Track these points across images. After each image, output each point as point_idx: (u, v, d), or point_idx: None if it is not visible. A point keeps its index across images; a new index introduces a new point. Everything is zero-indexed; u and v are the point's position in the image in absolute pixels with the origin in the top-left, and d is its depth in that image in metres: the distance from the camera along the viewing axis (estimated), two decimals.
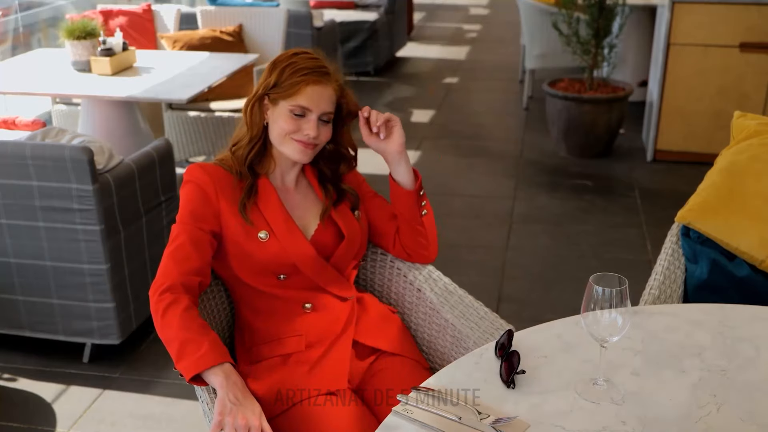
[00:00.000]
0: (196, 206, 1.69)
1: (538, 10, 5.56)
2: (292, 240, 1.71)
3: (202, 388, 1.55)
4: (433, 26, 9.42)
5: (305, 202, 1.80)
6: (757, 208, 1.97)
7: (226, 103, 4.39)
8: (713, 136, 4.62)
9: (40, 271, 2.71)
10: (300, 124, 1.69)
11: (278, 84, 1.69)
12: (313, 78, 1.68)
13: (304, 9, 5.63)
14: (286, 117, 1.69)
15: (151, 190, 2.86)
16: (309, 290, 1.75)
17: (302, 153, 1.72)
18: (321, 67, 1.71)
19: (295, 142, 1.70)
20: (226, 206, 1.70)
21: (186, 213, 1.69)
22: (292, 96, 1.68)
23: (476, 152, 5.14)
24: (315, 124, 1.69)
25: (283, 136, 1.71)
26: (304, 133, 1.69)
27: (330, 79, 1.71)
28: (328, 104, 1.71)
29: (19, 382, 2.77)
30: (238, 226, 1.70)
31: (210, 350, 1.52)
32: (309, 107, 1.68)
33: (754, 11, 4.41)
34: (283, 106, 1.70)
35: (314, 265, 1.73)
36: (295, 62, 1.70)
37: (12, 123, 3.55)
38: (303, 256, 1.72)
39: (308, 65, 1.69)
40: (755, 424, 1.30)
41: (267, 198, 1.74)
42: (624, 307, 1.31)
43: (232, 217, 1.70)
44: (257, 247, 1.69)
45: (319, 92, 1.69)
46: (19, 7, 4.90)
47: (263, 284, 1.72)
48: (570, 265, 3.65)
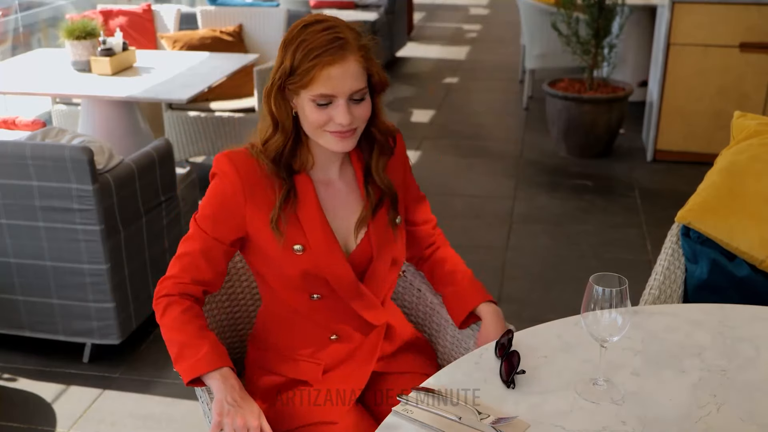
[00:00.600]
0: (218, 212, 1.53)
1: (538, 10, 5.56)
2: (330, 257, 1.54)
3: (202, 389, 1.55)
4: (433, 26, 9.42)
5: (348, 201, 1.60)
6: (757, 208, 1.97)
7: (226, 103, 4.39)
8: (713, 136, 4.62)
9: (40, 271, 2.71)
10: (329, 113, 1.45)
11: (293, 71, 1.44)
12: (327, 58, 1.41)
13: (304, 9, 5.63)
14: (311, 108, 1.46)
15: (151, 190, 2.86)
16: (340, 313, 1.60)
17: (341, 143, 1.49)
18: (335, 39, 1.43)
19: (330, 134, 1.48)
20: (255, 211, 1.52)
21: (207, 216, 1.54)
22: (309, 85, 1.43)
23: (476, 152, 5.14)
24: (345, 109, 1.44)
25: (315, 129, 1.48)
26: (336, 122, 1.45)
27: (349, 50, 1.43)
28: (354, 81, 1.45)
29: (19, 382, 2.77)
30: (268, 235, 1.52)
31: (207, 354, 1.49)
32: (332, 93, 1.44)
33: (754, 11, 4.41)
34: (304, 96, 1.46)
35: (350, 288, 1.57)
36: (305, 41, 1.43)
37: (12, 123, 3.55)
38: (339, 277, 1.55)
39: (320, 42, 1.42)
40: (755, 424, 1.30)
41: (305, 202, 1.54)
42: (624, 307, 1.31)
43: (262, 223, 1.52)
44: (290, 260, 1.53)
45: (340, 72, 1.43)
46: (19, 7, 4.90)
47: (295, 301, 1.58)
48: (570, 265, 3.65)
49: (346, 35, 1.44)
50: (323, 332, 1.62)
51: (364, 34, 1.49)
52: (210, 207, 1.54)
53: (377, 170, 1.59)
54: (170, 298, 1.56)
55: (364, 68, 1.46)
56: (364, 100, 1.49)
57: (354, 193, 1.61)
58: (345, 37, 1.44)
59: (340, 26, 1.46)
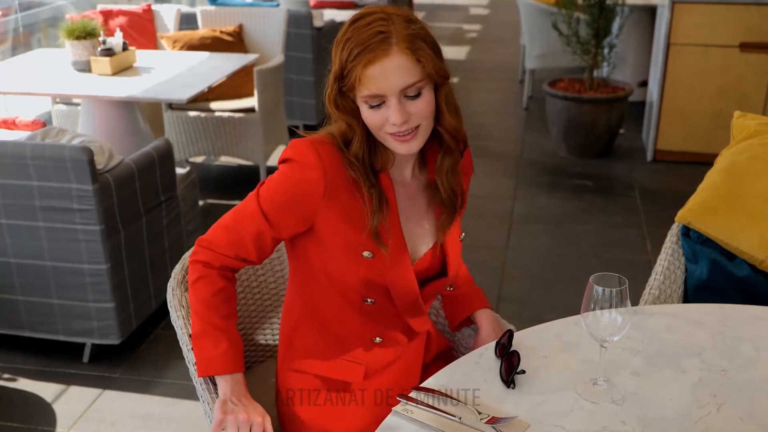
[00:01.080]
0: (289, 202, 1.42)
1: (538, 10, 5.56)
2: (398, 268, 1.46)
3: (203, 388, 1.55)
4: (433, 26, 9.30)
5: (419, 205, 1.52)
6: (757, 208, 1.97)
7: (226, 103, 4.39)
8: (713, 136, 4.62)
9: (40, 271, 2.71)
10: (384, 114, 1.35)
11: (342, 73, 1.35)
12: (368, 56, 1.31)
13: (304, 9, 5.62)
14: (365, 111, 1.37)
15: (151, 190, 2.86)
16: (387, 318, 1.54)
17: (404, 145, 1.38)
18: (377, 34, 1.32)
19: (390, 136, 1.38)
20: (331, 206, 1.42)
21: (276, 202, 1.43)
22: (356, 87, 1.34)
23: (476, 152, 5.09)
24: (397, 109, 1.33)
25: (375, 131, 1.40)
26: (390, 122, 1.35)
27: (393, 43, 1.32)
28: (402, 76, 1.33)
29: (19, 382, 2.77)
30: (339, 235, 1.43)
31: (224, 354, 1.46)
32: (380, 93, 1.33)
33: (754, 11, 4.41)
34: (359, 99, 1.37)
35: (409, 299, 1.51)
36: (349, 39, 1.34)
37: (12, 123, 3.55)
38: (402, 288, 1.49)
39: (361, 38, 1.32)
40: (755, 424, 1.30)
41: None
42: (624, 307, 1.31)
43: (337, 221, 1.43)
44: (356, 265, 1.45)
45: (382, 69, 1.32)
46: (19, 7, 4.90)
47: (345, 302, 1.51)
48: (570, 265, 3.65)
49: (389, 28, 1.33)
50: (367, 334, 1.55)
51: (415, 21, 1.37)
52: (282, 194, 1.43)
53: (440, 172, 1.47)
54: (206, 270, 1.49)
55: (415, 60, 1.33)
56: (422, 95, 1.36)
57: (425, 197, 1.53)
58: (387, 30, 1.32)
59: (386, 17, 1.34)
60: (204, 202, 4.08)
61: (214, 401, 1.49)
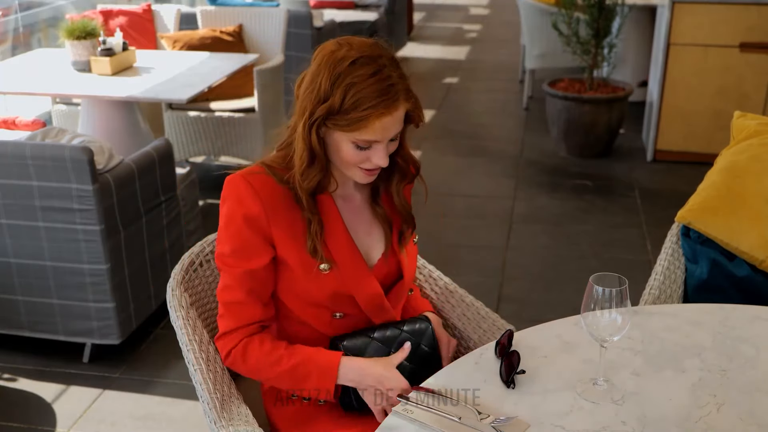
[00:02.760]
0: (245, 240, 1.47)
1: (538, 10, 5.56)
2: (357, 274, 1.52)
3: (203, 388, 1.54)
4: (433, 26, 9.42)
5: (365, 217, 1.59)
6: (757, 208, 1.97)
7: (226, 103, 4.39)
8: (713, 136, 4.62)
9: (40, 271, 2.71)
10: (367, 154, 1.44)
11: (341, 111, 1.39)
12: (381, 110, 1.38)
13: (304, 9, 5.62)
14: (348, 149, 1.43)
15: (151, 190, 2.86)
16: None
17: (369, 177, 1.49)
18: (389, 88, 1.39)
19: (360, 169, 1.46)
20: (280, 233, 1.48)
21: (235, 250, 1.47)
22: (356, 131, 1.40)
23: (476, 152, 5.14)
24: (385, 153, 1.44)
25: (347, 165, 1.46)
26: (373, 163, 1.44)
27: (401, 98, 1.41)
28: (397, 127, 1.44)
29: (19, 382, 2.77)
30: (295, 256, 1.49)
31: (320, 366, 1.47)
32: (377, 140, 1.42)
33: (754, 11, 4.41)
34: (344, 137, 1.42)
35: (375, 303, 1.56)
36: (355, 85, 1.38)
37: (12, 123, 3.55)
38: (366, 293, 1.54)
39: (373, 91, 1.38)
40: (755, 424, 1.30)
41: (329, 220, 1.52)
42: (624, 307, 1.31)
43: (287, 244, 1.48)
44: (316, 280, 1.50)
45: (391, 121, 1.41)
46: (19, 7, 4.89)
47: (315, 320, 1.56)
48: (570, 265, 3.65)
49: (395, 81, 1.40)
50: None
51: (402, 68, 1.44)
52: (234, 239, 1.47)
53: (396, 193, 1.57)
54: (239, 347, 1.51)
55: (407, 110, 1.45)
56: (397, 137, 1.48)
57: (369, 209, 1.60)
58: (395, 84, 1.40)
59: (388, 68, 1.40)
60: (204, 202, 4.08)
61: (214, 401, 1.49)
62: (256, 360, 1.50)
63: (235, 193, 1.47)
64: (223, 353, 1.53)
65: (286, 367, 1.49)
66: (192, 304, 1.66)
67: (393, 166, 1.55)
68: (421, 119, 1.49)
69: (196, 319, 1.64)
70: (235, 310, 1.50)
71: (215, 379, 1.55)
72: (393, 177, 1.57)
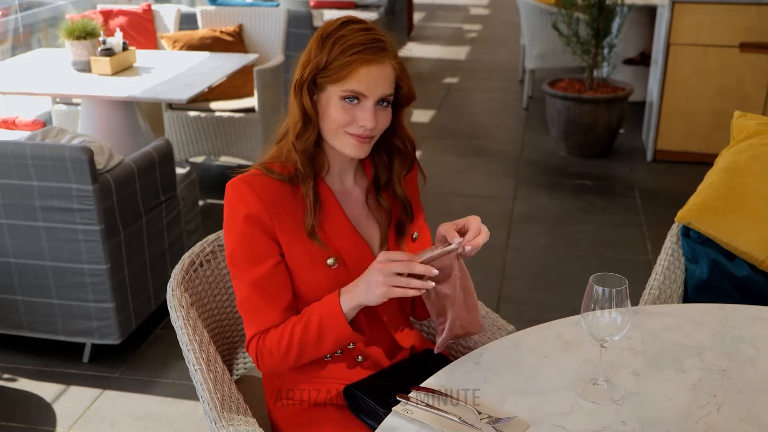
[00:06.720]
0: (253, 242, 1.47)
1: (538, 10, 5.56)
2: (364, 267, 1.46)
3: (203, 388, 1.54)
4: (433, 26, 9.42)
5: (366, 211, 1.58)
6: (757, 208, 1.97)
7: (226, 103, 4.39)
8: (713, 136, 4.62)
9: (40, 271, 2.71)
10: (354, 113, 1.43)
11: (327, 65, 1.41)
12: (367, 56, 1.40)
13: (304, 9, 5.62)
14: (337, 105, 1.43)
15: (151, 190, 2.86)
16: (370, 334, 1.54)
17: (358, 148, 1.46)
18: (377, 40, 1.42)
19: (349, 136, 1.45)
20: (283, 231, 1.47)
21: (242, 257, 1.47)
22: (342, 80, 1.41)
23: (476, 152, 5.14)
24: (372, 113, 1.42)
25: (335, 129, 1.45)
26: (359, 124, 1.43)
27: (388, 55, 1.43)
28: (386, 86, 1.44)
29: (19, 382, 2.77)
30: (301, 252, 1.48)
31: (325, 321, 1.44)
32: (363, 92, 1.41)
33: (754, 11, 4.41)
34: (332, 92, 1.43)
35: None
36: (344, 36, 1.41)
37: (12, 123, 3.55)
38: None
39: (360, 39, 1.40)
40: (755, 424, 1.30)
41: (330, 212, 1.51)
42: (624, 307, 1.31)
43: (291, 241, 1.48)
44: (325, 276, 1.49)
45: (375, 73, 1.41)
46: (19, 7, 4.89)
47: None
48: (570, 265, 3.65)
49: (385, 38, 1.44)
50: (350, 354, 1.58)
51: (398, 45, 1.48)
52: (242, 245, 1.47)
53: (398, 179, 1.57)
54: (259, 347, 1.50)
55: (396, 76, 1.46)
56: (388, 108, 1.47)
57: (371, 203, 1.59)
58: (385, 40, 1.43)
59: (379, 30, 1.45)
60: (204, 202, 4.08)
61: (214, 401, 1.49)
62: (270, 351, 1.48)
63: (237, 195, 1.48)
64: (255, 361, 1.52)
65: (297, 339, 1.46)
66: (192, 304, 1.66)
67: (392, 150, 1.56)
68: (411, 91, 1.50)
69: (197, 319, 1.64)
70: (253, 316, 1.50)
71: (215, 379, 1.55)
72: (393, 163, 1.57)
